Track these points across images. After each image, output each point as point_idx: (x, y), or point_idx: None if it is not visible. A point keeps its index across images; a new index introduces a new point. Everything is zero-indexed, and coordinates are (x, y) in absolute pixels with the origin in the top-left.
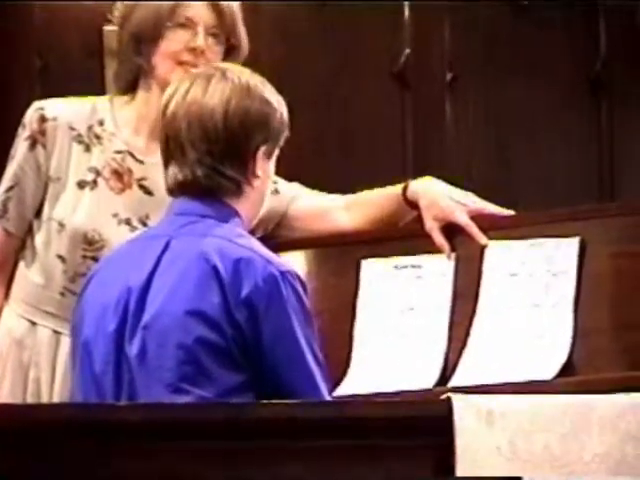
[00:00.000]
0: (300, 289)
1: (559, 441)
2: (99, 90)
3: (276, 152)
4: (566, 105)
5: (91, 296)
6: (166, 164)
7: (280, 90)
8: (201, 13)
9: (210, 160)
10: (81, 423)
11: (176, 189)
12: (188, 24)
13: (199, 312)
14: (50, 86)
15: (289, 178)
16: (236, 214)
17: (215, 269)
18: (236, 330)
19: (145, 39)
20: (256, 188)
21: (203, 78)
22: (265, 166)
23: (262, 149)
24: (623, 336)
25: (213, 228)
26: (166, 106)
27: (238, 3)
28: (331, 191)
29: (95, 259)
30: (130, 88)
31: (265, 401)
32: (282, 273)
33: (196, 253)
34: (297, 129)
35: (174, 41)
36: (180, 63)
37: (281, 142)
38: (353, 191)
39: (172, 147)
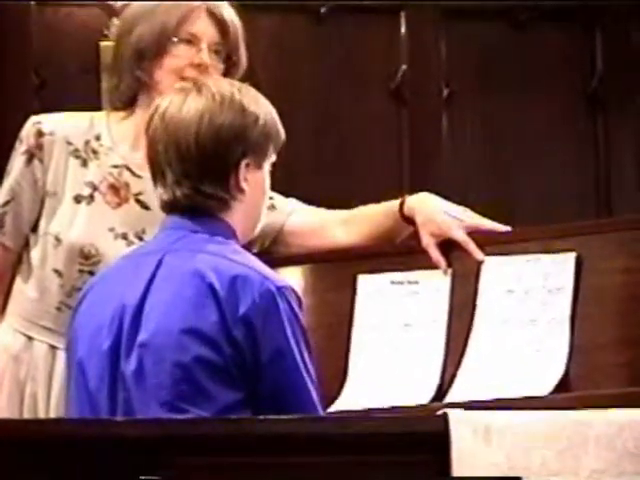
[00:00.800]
0: (296, 304)
1: (556, 457)
2: (96, 105)
3: (269, 161)
4: (563, 120)
5: (85, 313)
6: (154, 183)
7: (276, 105)
8: (205, 29)
9: (188, 181)
10: (79, 438)
11: (164, 208)
12: (192, 40)
13: (196, 330)
14: (47, 102)
15: (285, 194)
16: (228, 227)
17: (211, 287)
18: (234, 348)
19: (148, 54)
20: (246, 201)
21: (180, 95)
22: (254, 177)
23: (244, 162)
24: (620, 352)
25: (207, 243)
26: (148, 124)
27: (238, 19)
28: (327, 207)
29: (92, 273)
30: (129, 103)
31: (262, 417)
32: (278, 289)
33: (191, 270)
34: (293, 145)
35: (178, 57)
36: (183, 79)
37: (270, 150)
38: (349, 207)
39: (154, 168)
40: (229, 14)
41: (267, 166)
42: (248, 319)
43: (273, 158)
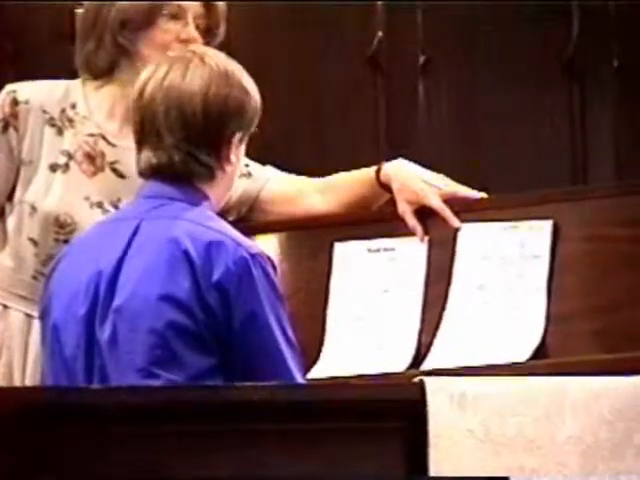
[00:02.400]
0: (271, 271)
1: (532, 424)
2: (72, 73)
3: (247, 137)
4: (539, 88)
5: (60, 279)
6: (139, 147)
7: (251, 73)
8: (191, 3)
9: (187, 146)
10: (54, 406)
11: (149, 172)
12: (179, 13)
13: (170, 296)
14: (23, 70)
15: (260, 161)
16: (206, 198)
17: (186, 253)
18: (207, 314)
19: (134, 25)
20: (228, 173)
21: (182, 62)
22: (237, 152)
23: (237, 136)
24: (596, 319)
25: (184, 211)
26: (142, 89)
27: None
28: (303, 174)
29: (67, 242)
30: (106, 69)
31: (236, 383)
32: (253, 256)
33: (167, 237)
34: (269, 113)
35: (167, 31)
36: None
37: (253, 128)
38: (326, 174)
39: (147, 131)
40: None
41: (245, 142)
42: (222, 285)
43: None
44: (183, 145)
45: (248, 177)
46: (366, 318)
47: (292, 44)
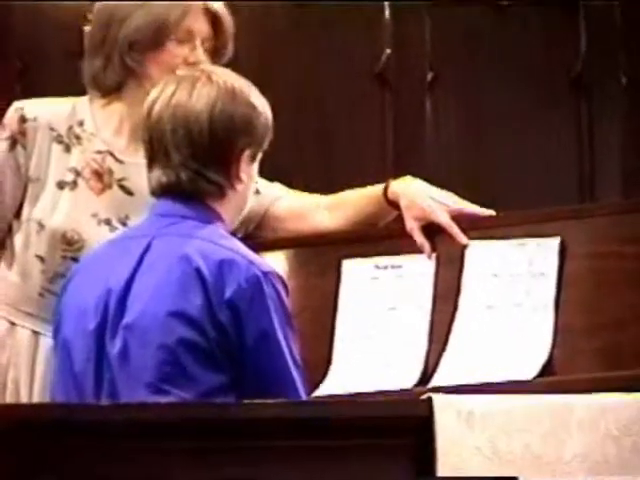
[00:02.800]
0: (282, 289)
1: (539, 441)
2: (79, 91)
3: (259, 155)
4: (546, 104)
5: (71, 296)
6: (150, 166)
7: (260, 90)
8: (201, 27)
9: (194, 164)
10: (63, 423)
11: (159, 191)
12: (188, 37)
13: (181, 313)
14: (30, 87)
15: (268, 178)
16: (218, 216)
17: (198, 270)
18: (219, 331)
19: (142, 46)
20: (239, 191)
21: (188, 81)
22: (249, 169)
23: (246, 153)
24: (603, 336)
25: (195, 229)
26: (151, 108)
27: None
28: (311, 191)
29: (75, 259)
30: (114, 87)
31: (246, 401)
32: (265, 274)
33: (178, 254)
34: (277, 129)
35: (174, 55)
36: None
37: (265, 145)
38: (333, 191)
39: (156, 149)
40: (223, 10)
41: (258, 160)
42: (234, 303)
43: (261, 154)
44: (191, 163)
45: (256, 194)
46: (374, 335)
47: (299, 60)
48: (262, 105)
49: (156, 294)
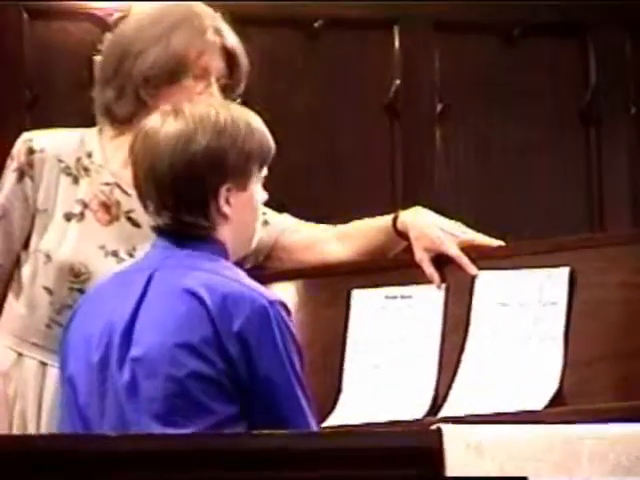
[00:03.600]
0: (287, 318)
1: (549, 471)
2: (89, 122)
3: (255, 180)
4: (556, 135)
5: (75, 330)
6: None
7: (269, 119)
8: (217, 65)
9: (167, 211)
10: (71, 453)
11: (155, 231)
12: (203, 74)
13: (190, 345)
14: (40, 118)
15: (278, 208)
16: (218, 244)
17: (203, 303)
18: (228, 363)
19: (158, 80)
20: (233, 222)
21: (159, 119)
22: (239, 200)
23: (224, 187)
24: (613, 366)
25: (197, 260)
26: (132, 150)
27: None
28: (320, 221)
29: (82, 291)
30: (126, 119)
31: (255, 432)
32: (271, 303)
33: (182, 287)
34: (287, 159)
35: (189, 91)
36: None
37: (254, 170)
38: (343, 221)
39: (139, 195)
40: (239, 47)
41: (253, 185)
42: (242, 335)
43: (263, 173)
44: (163, 211)
45: (265, 225)
46: (383, 365)
47: (309, 90)
48: (242, 132)
49: (162, 326)
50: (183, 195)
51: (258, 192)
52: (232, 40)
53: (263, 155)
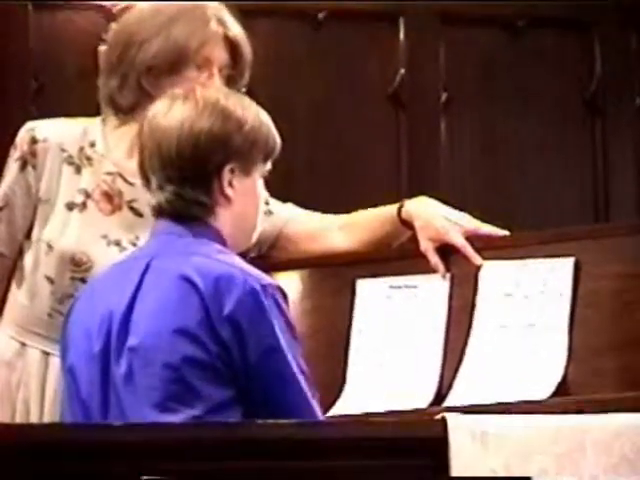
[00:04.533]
0: (282, 301)
1: (554, 462)
2: (95, 111)
3: (259, 169)
4: (561, 127)
5: (75, 321)
6: (146, 188)
7: (274, 112)
8: (219, 55)
9: (170, 186)
10: (74, 443)
11: (154, 213)
12: (205, 64)
13: (183, 330)
14: (46, 107)
15: (282, 198)
16: (216, 232)
17: (195, 287)
18: (221, 346)
19: (160, 70)
20: (233, 207)
21: (167, 103)
22: (242, 184)
23: (227, 167)
24: (618, 356)
25: (192, 246)
26: (139, 132)
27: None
28: (325, 211)
29: (84, 280)
30: (130, 107)
31: (257, 421)
32: (263, 286)
33: (177, 273)
34: (291, 151)
35: (190, 80)
36: None
37: (258, 158)
38: (347, 211)
39: (143, 174)
40: (243, 38)
41: (257, 174)
42: (234, 318)
43: (267, 167)
44: (167, 185)
45: (269, 215)
46: (388, 355)
47: (313, 81)
48: (246, 116)
49: (157, 314)
50: (186, 170)
51: (261, 185)
52: (235, 30)
53: (268, 148)
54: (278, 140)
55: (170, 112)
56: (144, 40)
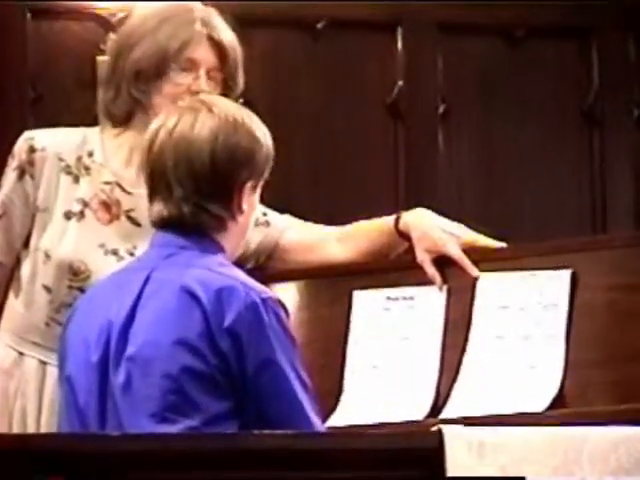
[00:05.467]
0: (282, 315)
1: (550, 473)
2: (93, 120)
3: (260, 185)
4: (559, 137)
5: (73, 331)
6: (151, 199)
7: (272, 121)
8: (205, 55)
9: (197, 197)
10: (71, 453)
11: (160, 224)
12: (191, 66)
13: (183, 341)
14: (43, 116)
15: (281, 209)
16: (219, 247)
17: (197, 299)
18: (220, 359)
19: (146, 76)
20: (240, 222)
21: (190, 113)
22: (250, 200)
23: (248, 184)
24: (614, 368)
25: (194, 259)
26: (152, 141)
27: (238, 44)
28: (323, 222)
29: (81, 290)
30: (125, 117)
31: (253, 431)
32: (264, 300)
33: (178, 284)
34: (290, 160)
35: (177, 84)
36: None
37: (266, 175)
38: (345, 222)
39: (157, 183)
40: (229, 39)
41: (259, 189)
42: (234, 330)
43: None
44: (193, 197)
45: (266, 226)
46: (385, 367)
47: (312, 91)
48: (263, 136)
49: (157, 324)
50: (218, 184)
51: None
52: (220, 31)
53: (272, 159)
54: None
55: (198, 123)
56: (132, 46)
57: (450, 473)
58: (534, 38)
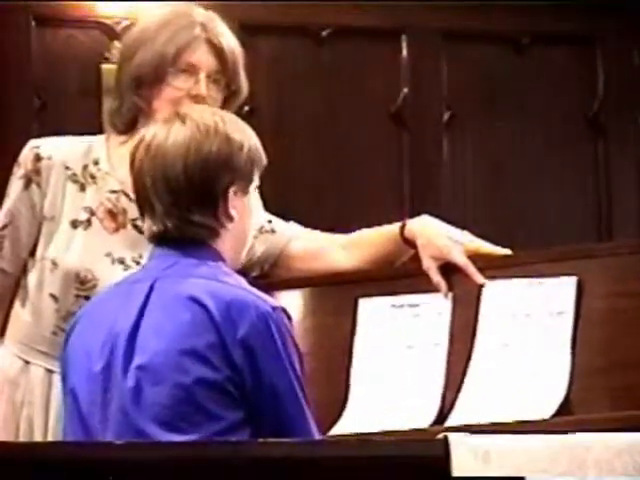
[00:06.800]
0: (288, 324)
1: None
2: (97, 128)
3: (252, 186)
4: (564, 144)
5: (76, 342)
6: (141, 214)
7: (277, 129)
8: (204, 59)
9: (177, 211)
10: (78, 461)
11: (153, 240)
12: (191, 70)
13: (194, 351)
14: (48, 124)
15: (286, 217)
16: (216, 253)
17: (207, 310)
18: (233, 369)
19: (146, 82)
20: (233, 227)
21: (164, 127)
22: (241, 203)
23: (232, 189)
24: (620, 375)
25: (197, 268)
26: (133, 157)
27: (240, 49)
28: (328, 230)
29: (88, 298)
30: (130, 126)
31: (261, 440)
32: (273, 309)
33: (185, 294)
34: (294, 167)
35: (176, 88)
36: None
37: (255, 177)
38: (350, 230)
39: (142, 201)
40: (229, 43)
41: (251, 192)
42: (247, 342)
43: (256, 182)
44: (174, 211)
45: (271, 233)
46: (390, 374)
47: (316, 99)
48: (244, 138)
49: (167, 334)
50: (195, 195)
51: (255, 203)
52: (220, 35)
53: (261, 163)
54: (264, 156)
55: (171, 136)
56: (132, 54)
57: None
58: (539, 46)
